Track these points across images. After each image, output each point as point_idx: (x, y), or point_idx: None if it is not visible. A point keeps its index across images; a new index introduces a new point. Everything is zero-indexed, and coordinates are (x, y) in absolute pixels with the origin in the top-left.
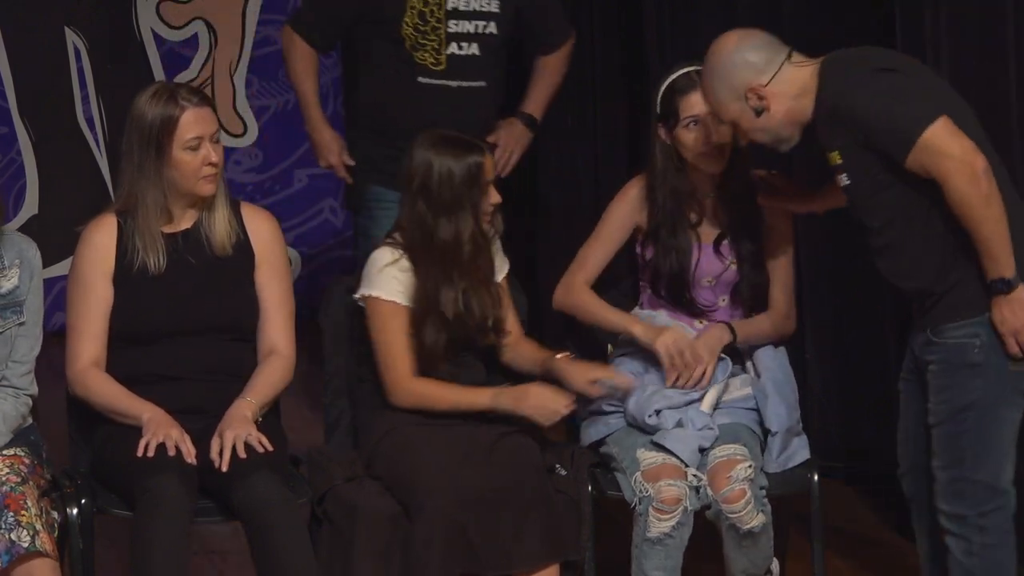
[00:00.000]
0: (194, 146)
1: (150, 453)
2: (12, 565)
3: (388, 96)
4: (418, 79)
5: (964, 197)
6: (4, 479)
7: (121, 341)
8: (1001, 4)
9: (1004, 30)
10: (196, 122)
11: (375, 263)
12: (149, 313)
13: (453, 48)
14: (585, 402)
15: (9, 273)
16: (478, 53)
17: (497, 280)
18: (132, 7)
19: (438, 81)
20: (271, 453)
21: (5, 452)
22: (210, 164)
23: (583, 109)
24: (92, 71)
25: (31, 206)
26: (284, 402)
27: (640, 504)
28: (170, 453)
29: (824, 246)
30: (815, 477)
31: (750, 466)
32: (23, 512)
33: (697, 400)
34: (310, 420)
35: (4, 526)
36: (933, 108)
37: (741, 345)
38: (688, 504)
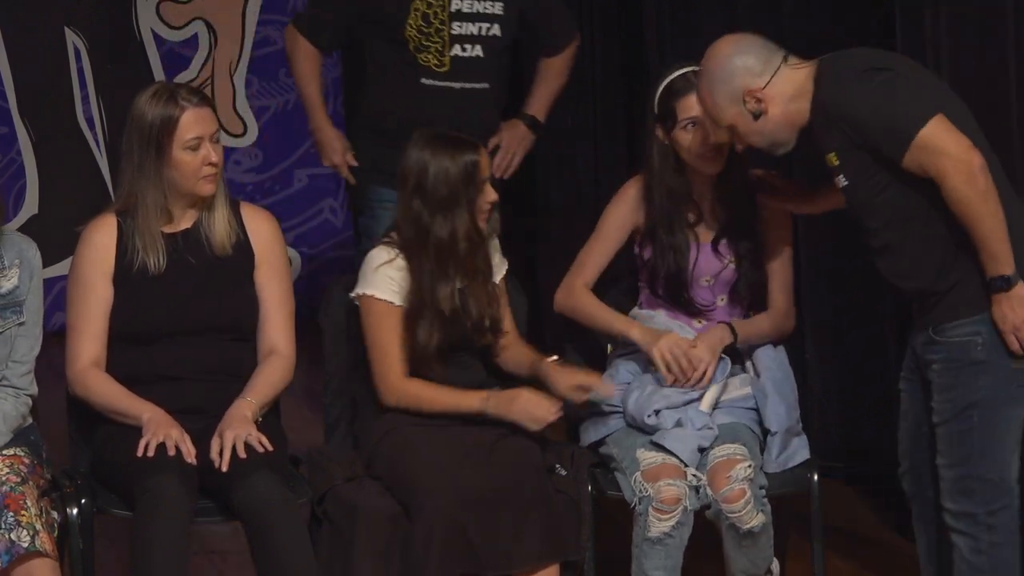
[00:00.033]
0: (194, 146)
1: (150, 453)
2: (12, 565)
3: (391, 97)
4: (421, 81)
5: (961, 195)
6: (4, 479)
7: (121, 341)
8: (1001, 4)
9: (1004, 30)
10: (196, 122)
11: (371, 262)
12: (149, 313)
13: (456, 50)
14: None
15: (9, 273)
16: (481, 55)
17: (495, 280)
18: (132, 7)
19: (441, 83)
20: (271, 453)
21: (5, 452)
22: (210, 164)
23: (583, 109)
24: (92, 71)
25: (31, 206)
26: (284, 402)
27: (640, 504)
28: (170, 453)
29: (824, 246)
30: (815, 477)
31: (750, 466)
32: (23, 512)
33: (696, 400)
34: (310, 420)
35: (4, 526)
36: (928, 106)
37: (741, 345)
38: (688, 504)
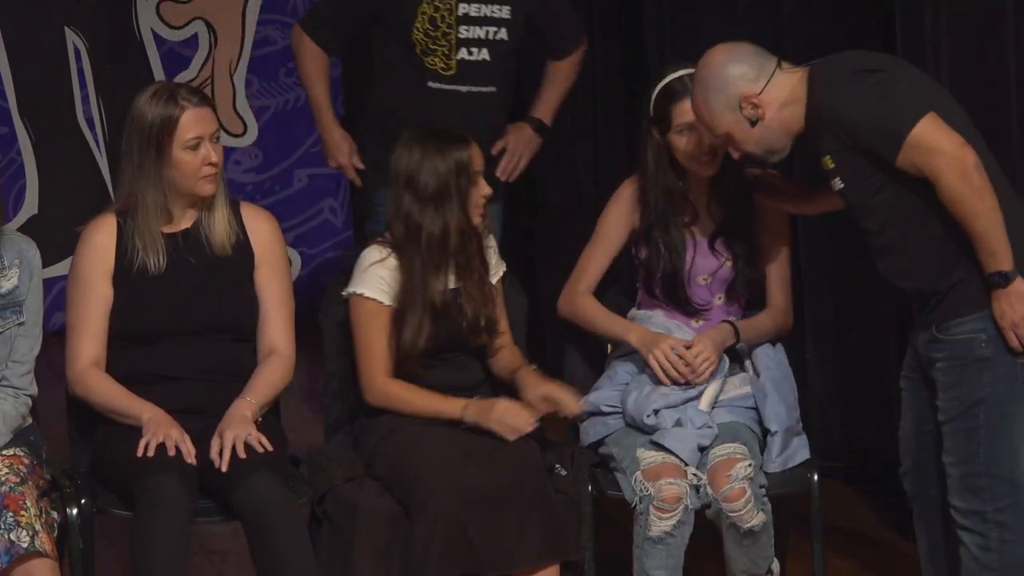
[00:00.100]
0: (194, 146)
1: (150, 453)
2: (11, 565)
3: (398, 101)
4: (428, 84)
5: (956, 192)
6: (3, 479)
7: (121, 341)
8: (1001, 4)
9: (1004, 30)
10: (196, 122)
11: (362, 261)
12: (149, 313)
13: (463, 53)
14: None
15: (9, 273)
16: (488, 59)
17: (492, 281)
18: (132, 7)
19: (448, 86)
20: (271, 453)
21: (5, 452)
22: (210, 164)
23: (583, 109)
24: (92, 71)
25: (31, 206)
26: (284, 402)
27: (641, 503)
28: (170, 453)
29: (825, 246)
30: (815, 477)
31: (750, 465)
32: (22, 512)
33: (695, 398)
34: (310, 420)
35: (3, 526)
36: (920, 105)
37: (742, 344)
38: (689, 503)
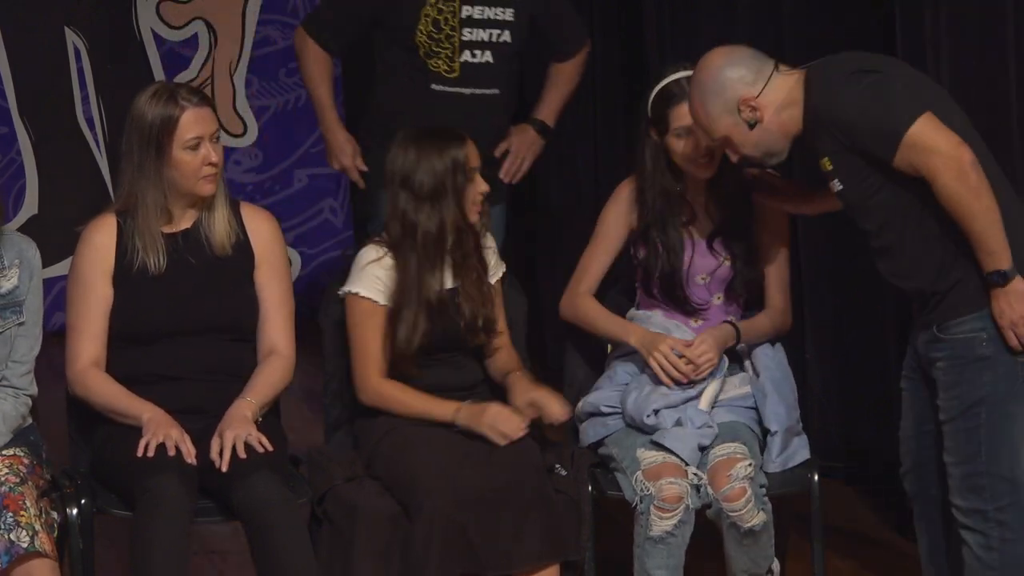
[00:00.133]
0: (194, 146)
1: (150, 453)
2: (11, 565)
3: (401, 103)
4: (431, 86)
5: (953, 192)
6: (3, 479)
7: (121, 341)
8: (1001, 4)
9: (1004, 30)
10: (196, 122)
11: (359, 261)
12: (149, 313)
13: (467, 56)
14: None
15: (9, 273)
16: (492, 61)
17: (491, 282)
18: (132, 7)
19: (451, 88)
20: (271, 453)
21: (4, 452)
22: (210, 164)
23: (583, 109)
24: (92, 71)
25: (31, 206)
26: (284, 402)
27: (642, 503)
28: (170, 453)
29: (824, 246)
30: (815, 477)
31: (750, 464)
32: (22, 512)
33: (695, 398)
34: (310, 420)
35: (3, 526)
36: (916, 105)
37: (742, 344)
38: (689, 502)
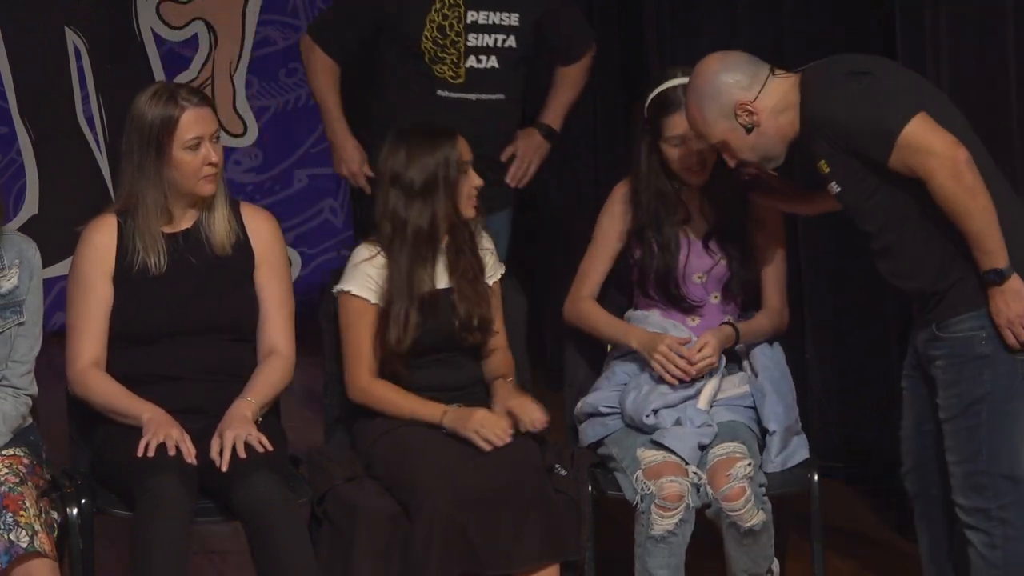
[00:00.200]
0: (194, 146)
1: (150, 453)
2: (11, 565)
3: (407, 109)
4: (437, 92)
5: (949, 191)
6: (3, 479)
7: (121, 341)
8: (1001, 4)
9: (1004, 30)
10: (196, 122)
11: (352, 259)
12: (149, 313)
13: (472, 61)
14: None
15: (9, 273)
16: (497, 66)
17: (488, 283)
18: (132, 7)
19: (457, 94)
20: (271, 453)
21: (4, 452)
22: (210, 164)
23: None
24: (92, 71)
25: (31, 206)
26: (284, 402)
27: (643, 502)
28: (170, 453)
29: (825, 246)
30: (815, 477)
31: (749, 464)
32: (22, 512)
33: (693, 397)
34: (310, 420)
35: (3, 526)
36: (910, 106)
37: (741, 345)
38: (690, 500)
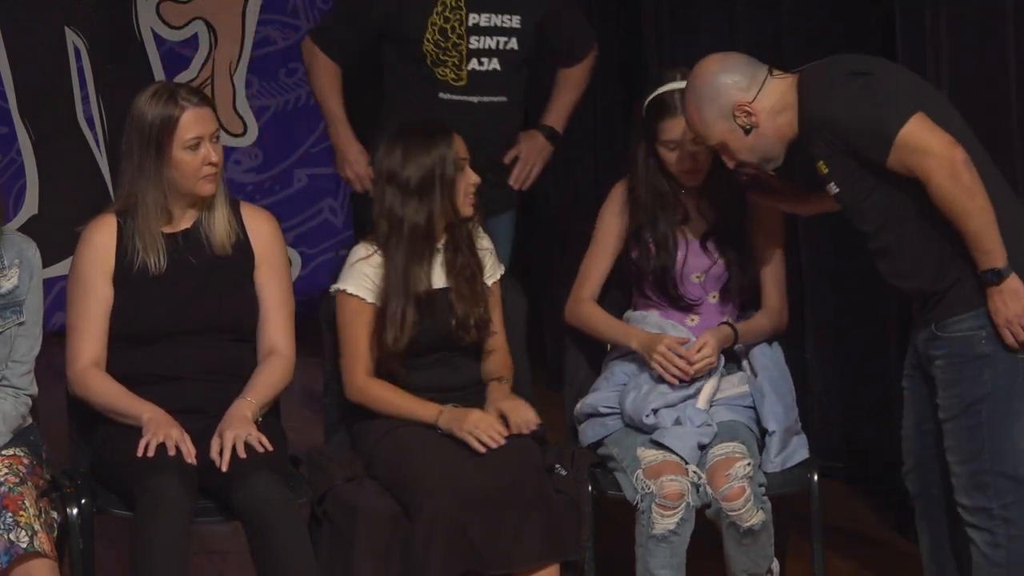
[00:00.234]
0: (194, 146)
1: (150, 453)
2: (11, 566)
3: (409, 112)
4: (439, 95)
5: (946, 191)
6: (3, 479)
7: (121, 341)
8: (1001, 4)
9: (1004, 30)
10: (196, 122)
11: (350, 258)
12: (149, 313)
13: (474, 64)
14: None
15: (9, 273)
16: (499, 68)
17: (487, 283)
18: (132, 7)
19: (459, 97)
20: (271, 453)
21: (4, 452)
22: (210, 164)
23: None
24: (92, 71)
25: (31, 206)
26: (284, 402)
27: (643, 501)
28: (170, 453)
29: (825, 246)
30: (815, 477)
31: (748, 463)
32: (21, 512)
33: (692, 396)
34: (310, 420)
35: (3, 527)
36: (907, 106)
37: (740, 345)
38: (690, 499)
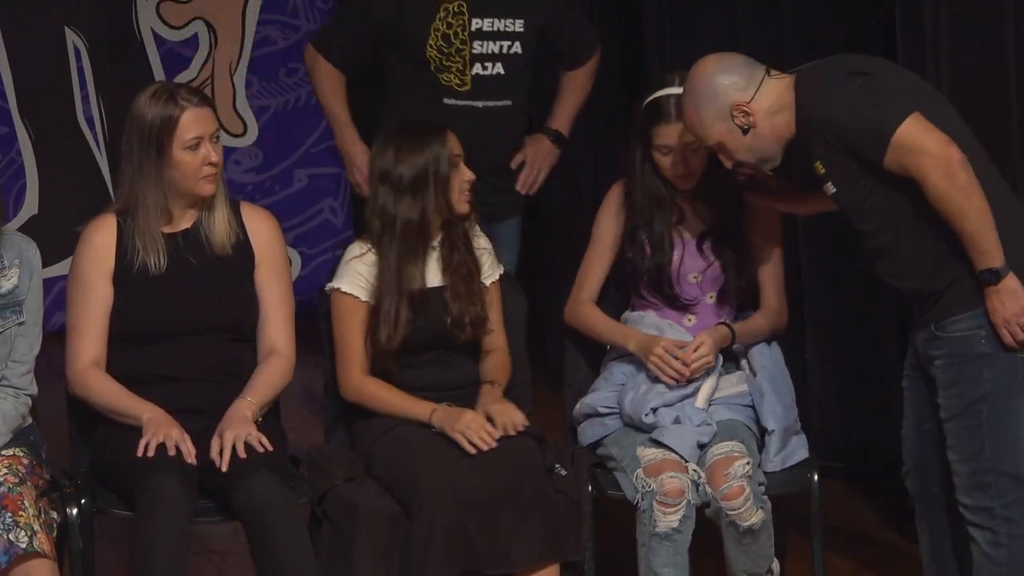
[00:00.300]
0: (194, 146)
1: (150, 453)
2: (10, 566)
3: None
4: (443, 100)
5: (943, 191)
6: (2, 479)
7: (121, 341)
8: (1001, 4)
9: (1004, 30)
10: (196, 122)
11: (345, 256)
12: (149, 313)
13: (477, 69)
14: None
15: (9, 273)
16: (503, 72)
17: (485, 283)
18: (132, 7)
19: (463, 102)
20: (271, 453)
21: (4, 452)
22: (210, 164)
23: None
24: (92, 71)
25: (31, 206)
26: (284, 402)
27: (644, 500)
28: (170, 453)
29: (824, 246)
30: (815, 477)
31: (748, 463)
32: (21, 512)
33: (691, 395)
34: (310, 420)
35: (2, 527)
36: (904, 106)
37: (738, 344)
38: (690, 497)
